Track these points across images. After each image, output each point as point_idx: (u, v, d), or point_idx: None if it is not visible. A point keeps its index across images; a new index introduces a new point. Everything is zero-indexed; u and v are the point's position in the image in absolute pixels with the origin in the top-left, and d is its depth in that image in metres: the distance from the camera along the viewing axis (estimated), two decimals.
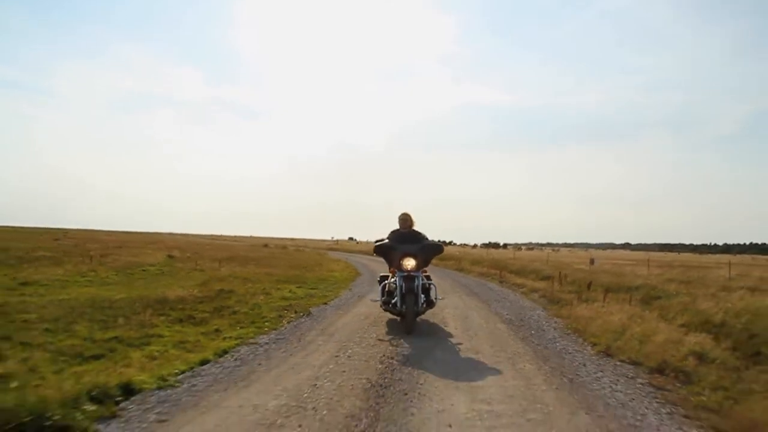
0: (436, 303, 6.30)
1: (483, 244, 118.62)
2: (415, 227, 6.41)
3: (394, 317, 6.41)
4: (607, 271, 17.63)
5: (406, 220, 6.37)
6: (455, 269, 19.33)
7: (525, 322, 6.82)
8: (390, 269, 6.34)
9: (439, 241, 6.60)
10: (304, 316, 6.81)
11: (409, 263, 5.86)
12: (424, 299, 5.98)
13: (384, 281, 6.42)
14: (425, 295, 6.01)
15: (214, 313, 6.67)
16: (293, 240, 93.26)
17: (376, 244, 6.42)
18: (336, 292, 9.86)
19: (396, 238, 6.28)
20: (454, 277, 15.18)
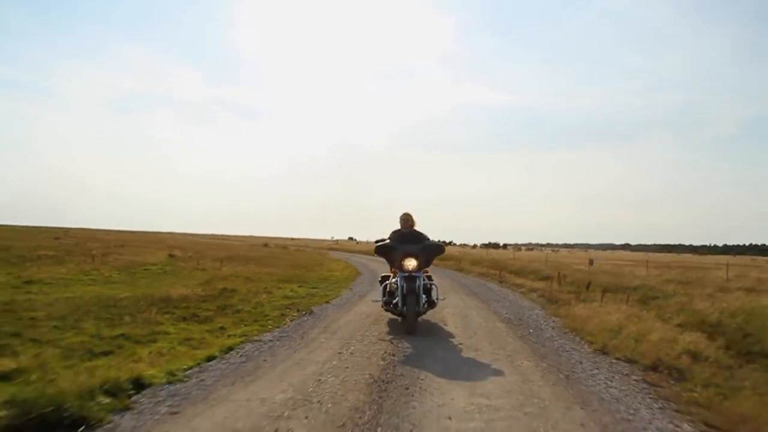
0: (437, 303, 6.29)
1: (483, 245, 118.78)
2: (417, 227, 6.43)
3: (395, 317, 6.45)
4: (606, 272, 17.78)
5: (407, 220, 6.38)
6: (455, 269, 19.45)
7: (523, 321, 6.93)
8: (391, 269, 6.35)
9: (439, 241, 6.59)
10: (306, 314, 6.92)
11: (410, 264, 5.87)
12: (426, 300, 5.97)
13: (385, 281, 6.41)
14: (426, 296, 6.00)
15: (218, 312, 6.78)
16: (293, 240, 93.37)
17: (377, 245, 6.39)
18: (337, 292, 9.97)
19: (397, 238, 6.28)
20: (453, 277, 15.29)
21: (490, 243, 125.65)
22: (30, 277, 9.82)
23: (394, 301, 5.95)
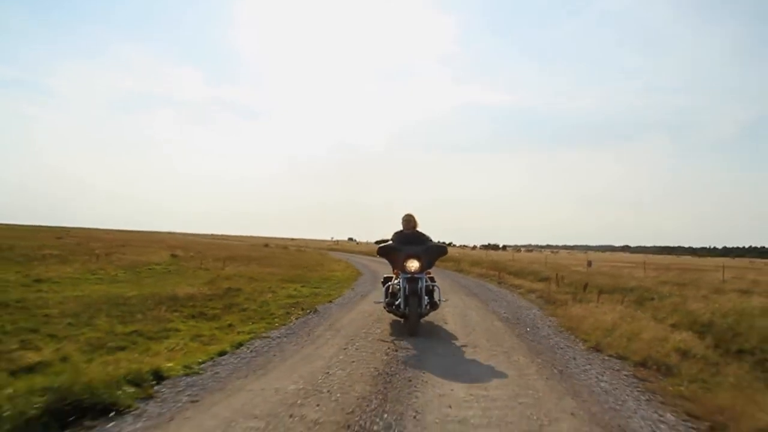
0: (439, 305, 6.31)
1: (482, 246, 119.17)
2: (419, 228, 6.40)
3: (397, 318, 6.45)
4: (604, 273, 17.99)
5: (409, 221, 6.35)
6: (455, 270, 19.67)
7: (521, 321, 7.16)
8: (393, 271, 6.35)
9: (440, 242, 6.59)
10: (311, 312, 7.15)
11: (412, 265, 5.83)
12: (428, 301, 5.95)
13: (388, 283, 6.39)
14: (429, 297, 5.98)
15: (225, 310, 7.01)
16: (293, 240, 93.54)
17: (379, 246, 6.33)
18: (339, 291, 10.20)
19: (399, 239, 6.24)
20: (453, 278, 15.51)
21: (489, 244, 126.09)
22: (39, 276, 10.05)
23: (397, 302, 5.94)
